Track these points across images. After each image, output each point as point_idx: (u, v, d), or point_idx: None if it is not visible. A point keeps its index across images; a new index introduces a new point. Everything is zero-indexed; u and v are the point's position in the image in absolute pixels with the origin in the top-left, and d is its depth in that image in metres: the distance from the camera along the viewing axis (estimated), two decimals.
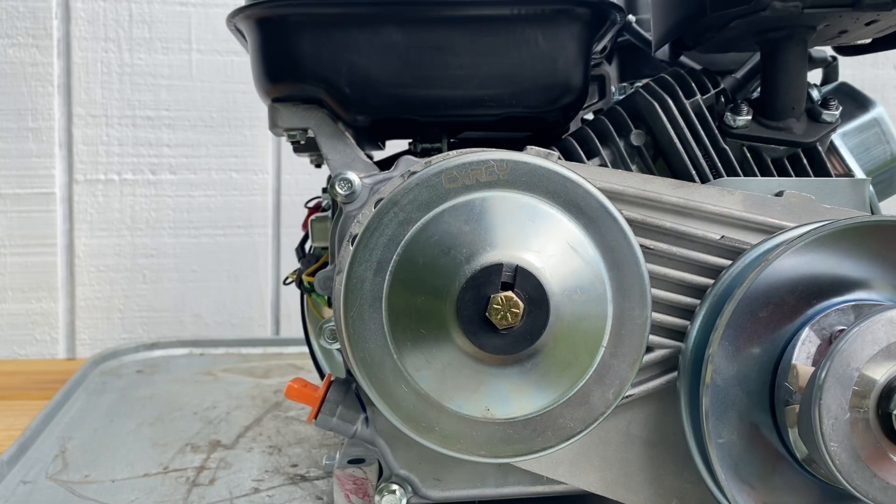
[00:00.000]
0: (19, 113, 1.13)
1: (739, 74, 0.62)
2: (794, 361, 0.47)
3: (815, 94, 0.59)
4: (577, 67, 0.55)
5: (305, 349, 0.72)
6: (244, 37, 0.57)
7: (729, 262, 0.51)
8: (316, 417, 0.55)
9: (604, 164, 0.57)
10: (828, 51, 0.66)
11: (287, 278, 0.69)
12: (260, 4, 0.53)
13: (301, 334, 0.72)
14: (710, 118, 0.57)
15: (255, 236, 1.20)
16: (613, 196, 0.49)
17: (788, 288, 0.48)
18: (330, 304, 0.58)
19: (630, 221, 0.48)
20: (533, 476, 0.53)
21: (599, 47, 0.62)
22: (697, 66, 0.61)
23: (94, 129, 1.15)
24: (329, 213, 0.61)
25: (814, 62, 0.65)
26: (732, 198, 0.53)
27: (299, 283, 0.67)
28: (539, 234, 0.45)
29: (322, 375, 0.70)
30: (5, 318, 1.15)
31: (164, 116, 1.16)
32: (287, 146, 0.87)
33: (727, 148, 0.57)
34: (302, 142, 0.60)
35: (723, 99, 0.59)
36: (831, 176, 0.58)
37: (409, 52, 0.52)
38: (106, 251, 1.16)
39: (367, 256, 0.45)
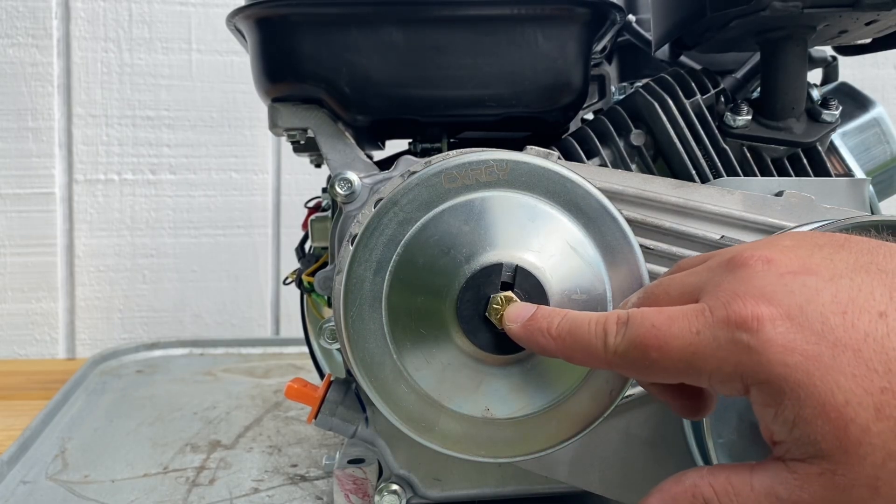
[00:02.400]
0: (19, 113, 1.13)
1: (739, 74, 0.62)
2: None
3: (815, 94, 0.59)
4: (577, 67, 0.55)
5: (305, 349, 0.72)
6: (244, 37, 0.57)
7: None
8: (316, 417, 0.55)
9: (604, 164, 0.57)
10: (828, 51, 0.66)
11: (287, 278, 0.69)
12: (260, 4, 0.53)
13: (301, 334, 0.72)
14: (710, 118, 0.57)
15: (255, 236, 1.20)
16: (613, 196, 0.49)
17: None
18: (330, 304, 0.58)
19: (630, 221, 0.48)
20: (533, 476, 0.53)
21: (599, 47, 0.62)
22: (697, 66, 0.61)
23: (93, 129, 1.15)
24: (329, 213, 0.61)
25: (814, 62, 0.64)
26: (732, 198, 0.52)
27: (299, 283, 0.67)
28: (539, 233, 0.45)
29: (322, 375, 0.70)
30: (5, 318, 1.15)
31: (164, 116, 1.16)
32: (287, 146, 0.87)
33: (727, 148, 0.57)
34: (302, 142, 0.60)
35: (723, 99, 0.59)
36: (831, 176, 0.58)
37: (409, 52, 0.52)
38: (106, 251, 1.16)
39: (367, 256, 0.45)
